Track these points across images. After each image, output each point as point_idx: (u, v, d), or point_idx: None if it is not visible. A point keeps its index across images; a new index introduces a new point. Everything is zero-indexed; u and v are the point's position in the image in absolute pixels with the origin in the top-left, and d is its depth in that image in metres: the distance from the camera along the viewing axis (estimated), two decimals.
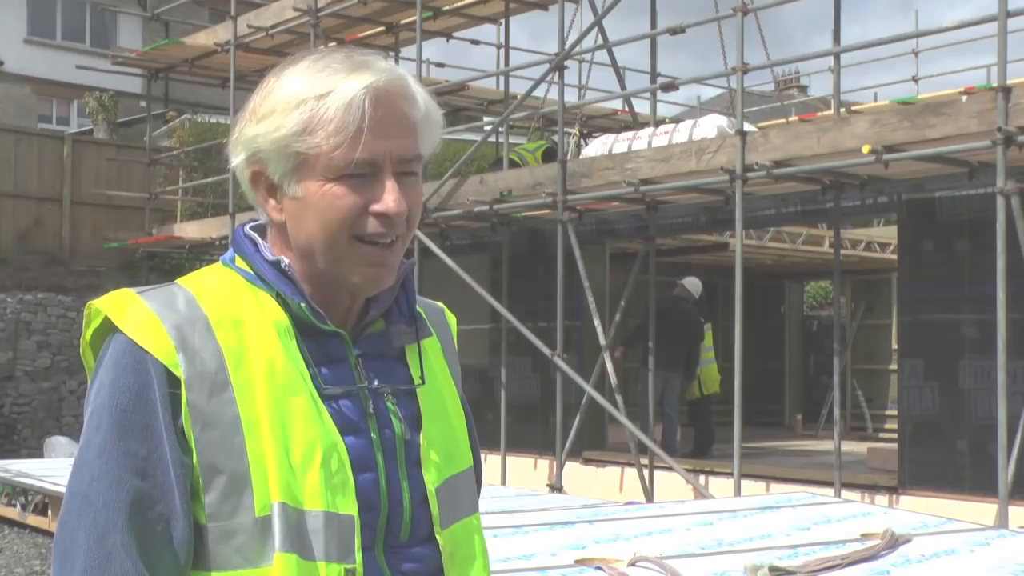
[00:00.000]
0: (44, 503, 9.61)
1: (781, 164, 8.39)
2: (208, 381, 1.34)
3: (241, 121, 1.43)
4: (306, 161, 1.39)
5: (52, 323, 14.62)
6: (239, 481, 1.33)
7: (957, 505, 8.34)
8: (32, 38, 25.33)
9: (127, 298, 1.38)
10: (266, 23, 13.28)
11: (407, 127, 1.42)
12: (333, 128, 1.37)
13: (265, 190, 1.44)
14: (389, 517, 1.41)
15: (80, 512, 1.32)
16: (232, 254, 1.48)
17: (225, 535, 1.33)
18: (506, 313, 10.76)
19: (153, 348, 1.34)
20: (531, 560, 4.68)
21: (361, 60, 1.42)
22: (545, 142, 12.33)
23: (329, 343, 1.44)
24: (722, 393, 12.21)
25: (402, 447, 1.45)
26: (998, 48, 7.26)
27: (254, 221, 1.51)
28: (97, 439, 1.34)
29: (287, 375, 1.37)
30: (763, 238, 13.35)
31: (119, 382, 1.34)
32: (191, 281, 1.43)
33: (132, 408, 1.33)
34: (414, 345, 1.53)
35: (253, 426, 1.34)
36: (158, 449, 1.33)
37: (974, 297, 8.60)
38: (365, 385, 1.44)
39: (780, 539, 5.37)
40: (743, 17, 8.69)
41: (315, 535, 1.34)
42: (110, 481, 1.32)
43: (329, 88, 1.38)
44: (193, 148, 17.37)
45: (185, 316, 1.36)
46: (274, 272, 1.43)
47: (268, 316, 1.40)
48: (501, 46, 14.49)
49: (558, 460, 10.35)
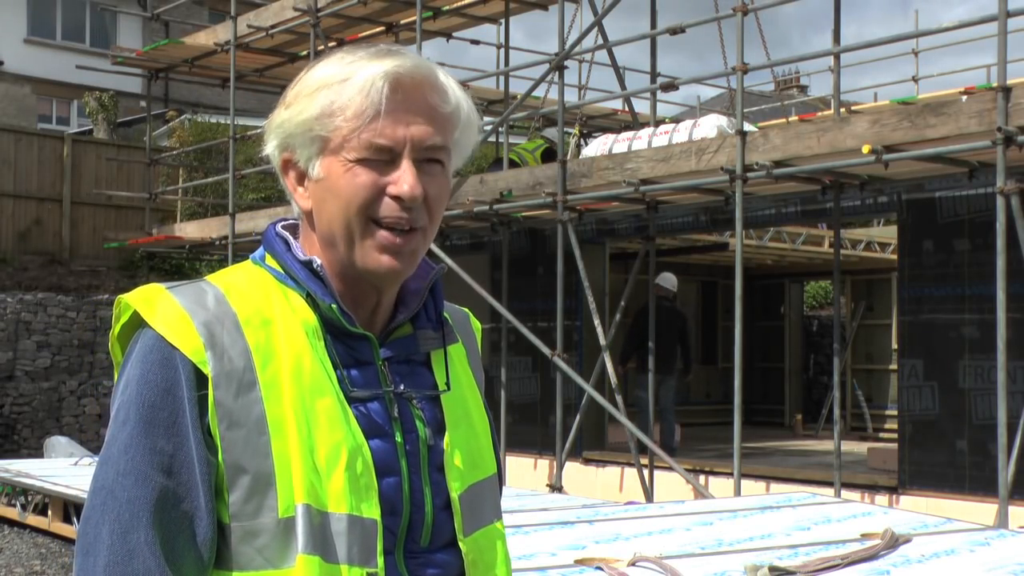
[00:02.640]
0: (44, 503, 9.61)
1: (781, 164, 8.38)
2: (235, 380, 1.33)
3: (274, 112, 1.45)
4: (328, 144, 1.39)
5: (52, 323, 14.61)
6: (263, 481, 1.33)
7: (957, 505, 8.34)
8: (32, 38, 25.32)
9: (157, 293, 1.38)
10: (266, 23, 13.28)
11: (430, 115, 1.41)
12: (352, 112, 1.38)
13: (295, 177, 1.45)
14: (411, 522, 1.41)
15: (104, 507, 1.32)
16: (262, 252, 1.48)
17: (248, 535, 1.33)
18: (506, 313, 10.76)
19: (182, 345, 1.33)
20: (531, 560, 4.68)
21: (390, 50, 1.43)
22: (544, 142, 12.31)
23: (357, 346, 1.43)
24: (721, 393, 12.21)
25: (426, 452, 1.44)
26: (998, 48, 7.25)
27: (285, 220, 1.52)
28: (123, 434, 1.33)
29: (314, 376, 1.37)
30: (763, 238, 13.34)
31: (147, 378, 1.33)
32: (221, 278, 1.43)
33: (159, 404, 1.33)
34: (440, 351, 1.52)
35: (279, 426, 1.33)
36: (184, 446, 1.32)
37: (974, 297, 8.60)
38: (391, 389, 1.43)
39: (780, 539, 5.37)
40: (743, 17, 8.69)
41: (338, 538, 1.33)
42: (135, 477, 1.32)
43: (351, 74, 1.39)
44: (193, 148, 17.37)
45: (214, 313, 1.36)
46: (305, 272, 1.43)
47: (297, 316, 1.40)
48: (501, 46, 14.49)
49: (558, 460, 10.35)
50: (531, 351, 10.91)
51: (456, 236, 12.64)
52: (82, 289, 15.36)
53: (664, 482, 10.31)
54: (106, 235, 16.35)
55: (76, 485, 9.21)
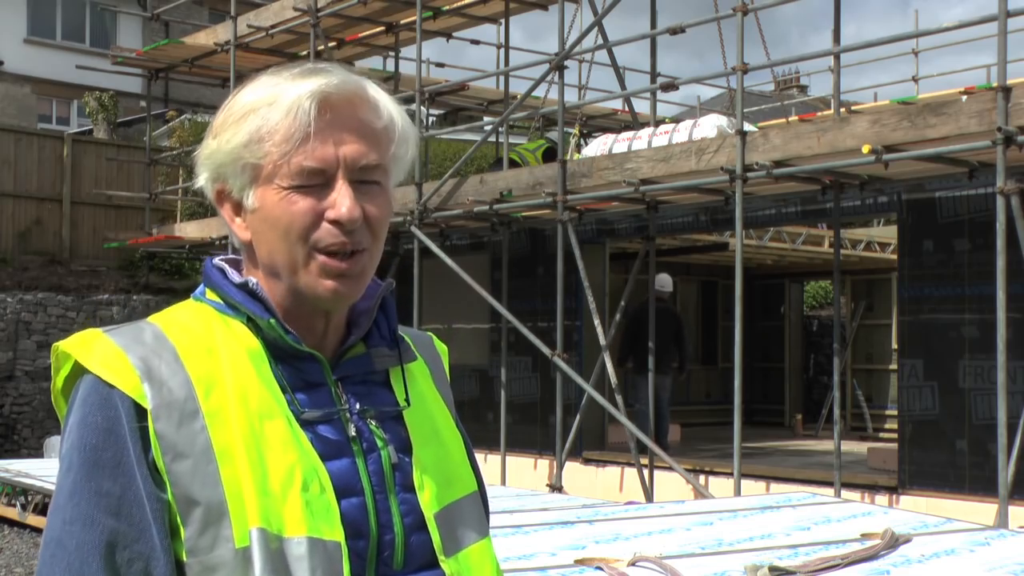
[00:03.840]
0: (44, 503, 9.61)
1: (781, 164, 8.38)
2: (176, 410, 1.29)
3: (203, 143, 1.41)
4: (260, 172, 1.36)
5: (52, 323, 14.62)
6: (216, 511, 1.28)
7: (957, 505, 8.35)
8: (32, 38, 25.32)
9: (92, 337, 1.34)
10: (266, 23, 13.29)
11: (362, 132, 1.37)
12: (281, 136, 1.34)
13: (231, 208, 1.42)
14: (379, 544, 1.36)
15: (54, 559, 1.28)
16: (203, 288, 1.45)
17: (206, 570, 1.28)
18: (506, 313, 10.76)
19: (119, 382, 1.30)
20: (531, 560, 4.68)
21: (315, 68, 1.37)
22: (545, 141, 12.31)
23: (305, 367, 1.39)
24: (721, 393, 12.21)
25: (390, 471, 1.39)
26: (998, 48, 7.26)
27: (224, 255, 1.49)
28: (68, 482, 1.29)
29: (261, 400, 1.33)
30: (763, 238, 13.35)
31: (87, 420, 1.30)
32: (160, 317, 1.40)
33: (102, 446, 1.29)
34: (398, 369, 1.48)
35: (227, 454, 1.29)
36: (132, 486, 1.28)
37: (974, 297, 8.61)
38: (346, 408, 1.39)
39: (780, 539, 5.37)
40: (743, 17, 8.69)
41: (298, 562, 1.28)
42: (82, 523, 1.28)
43: (276, 96, 1.35)
44: (193, 148, 17.32)
45: (151, 347, 1.33)
46: (242, 294, 1.40)
47: (240, 343, 1.37)
48: (501, 46, 14.49)
49: (558, 460, 10.36)
50: (531, 351, 10.91)
51: (456, 236, 12.64)
52: (82, 289, 15.35)
53: (664, 482, 10.31)
54: (106, 235, 16.35)
55: None
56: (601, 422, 11.56)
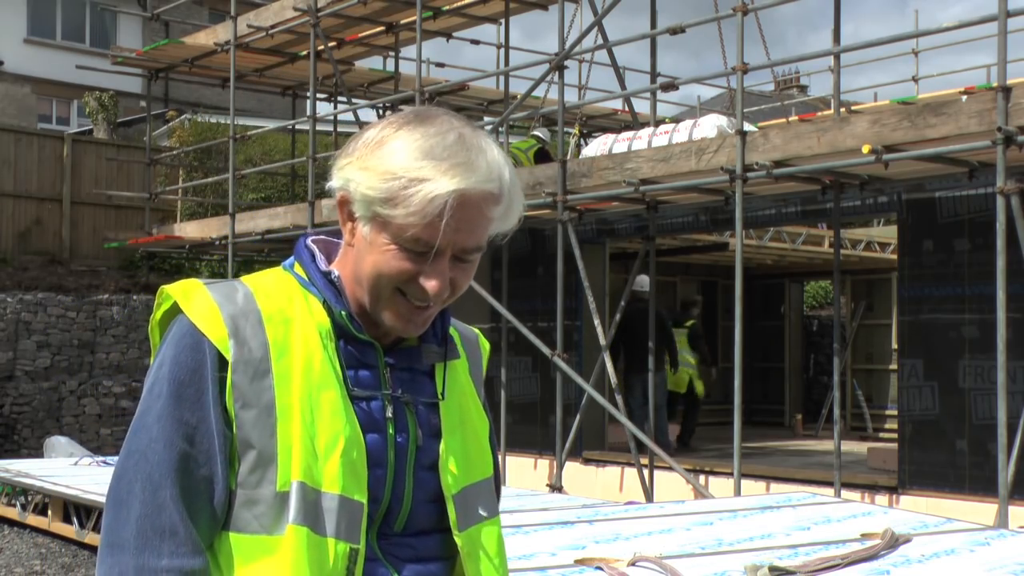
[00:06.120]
0: (44, 503, 9.60)
1: (781, 164, 8.38)
2: (252, 367, 1.52)
3: (348, 152, 1.57)
4: (383, 222, 1.53)
5: (52, 323, 14.61)
6: (267, 458, 1.51)
7: (957, 505, 8.34)
8: (32, 38, 25.31)
9: (194, 287, 1.58)
10: (266, 23, 13.29)
11: (481, 225, 1.55)
12: (413, 211, 1.50)
13: (347, 215, 1.59)
14: (388, 509, 1.59)
15: (138, 467, 1.51)
16: (292, 260, 1.67)
17: (248, 502, 1.52)
18: (506, 313, 10.76)
19: (210, 333, 1.53)
20: (531, 560, 4.69)
21: (466, 156, 1.52)
22: (536, 141, 12.30)
23: (363, 350, 1.61)
24: (721, 393, 12.19)
25: (414, 451, 1.62)
26: (998, 48, 7.25)
27: (316, 234, 1.69)
28: (157, 406, 1.53)
29: (323, 372, 1.55)
30: (763, 238, 13.34)
31: (179, 359, 1.53)
32: (252, 280, 1.62)
33: (188, 382, 1.52)
34: (442, 364, 1.69)
35: (286, 412, 1.52)
36: (206, 420, 1.52)
37: (974, 297, 8.60)
38: (389, 392, 1.61)
39: (780, 539, 5.37)
40: (743, 17, 8.69)
41: (328, 514, 1.51)
42: (164, 443, 1.51)
43: (425, 177, 1.50)
44: (193, 148, 17.36)
45: (241, 308, 1.55)
46: (324, 281, 1.61)
47: (314, 318, 1.59)
48: (501, 46, 14.49)
49: (558, 460, 10.35)
50: (531, 351, 10.91)
51: None
52: (82, 289, 15.34)
53: (664, 482, 10.31)
54: (106, 235, 16.35)
55: (76, 485, 9.20)
56: (601, 422, 11.55)
